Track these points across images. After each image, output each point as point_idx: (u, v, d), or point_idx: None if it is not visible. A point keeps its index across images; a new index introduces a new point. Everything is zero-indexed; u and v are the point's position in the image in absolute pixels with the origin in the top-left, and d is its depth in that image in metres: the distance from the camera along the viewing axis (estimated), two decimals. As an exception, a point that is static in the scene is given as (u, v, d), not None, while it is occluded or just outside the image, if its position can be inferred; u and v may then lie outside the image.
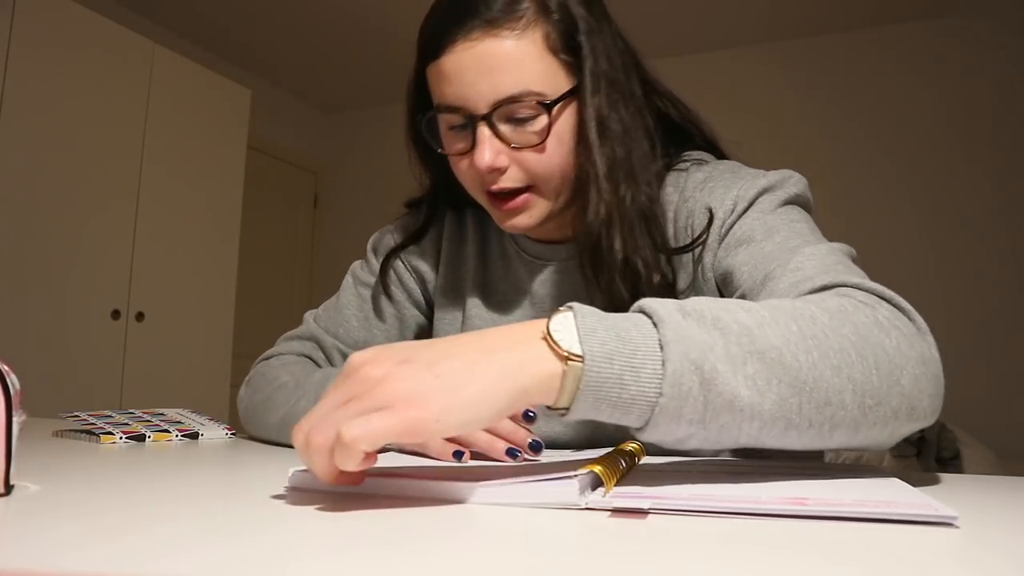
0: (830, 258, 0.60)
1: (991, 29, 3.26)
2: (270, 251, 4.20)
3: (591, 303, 0.47)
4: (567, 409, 0.44)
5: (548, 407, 0.45)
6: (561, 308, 0.46)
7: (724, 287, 0.68)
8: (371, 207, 3.83)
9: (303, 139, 4.54)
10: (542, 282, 0.80)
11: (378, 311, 0.89)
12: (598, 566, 0.32)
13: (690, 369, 0.43)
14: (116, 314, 2.73)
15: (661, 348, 0.43)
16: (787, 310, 0.48)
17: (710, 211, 0.70)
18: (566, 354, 0.43)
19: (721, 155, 0.80)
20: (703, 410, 0.43)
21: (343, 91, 4.28)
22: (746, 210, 0.68)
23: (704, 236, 0.70)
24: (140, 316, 2.81)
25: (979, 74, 3.28)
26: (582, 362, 0.43)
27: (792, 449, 0.48)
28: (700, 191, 0.72)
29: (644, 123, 0.73)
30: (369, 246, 0.92)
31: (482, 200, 0.74)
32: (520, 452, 0.59)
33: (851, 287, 0.54)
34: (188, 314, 3.02)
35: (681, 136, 0.80)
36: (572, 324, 0.44)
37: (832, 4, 3.32)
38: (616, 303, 0.69)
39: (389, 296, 0.87)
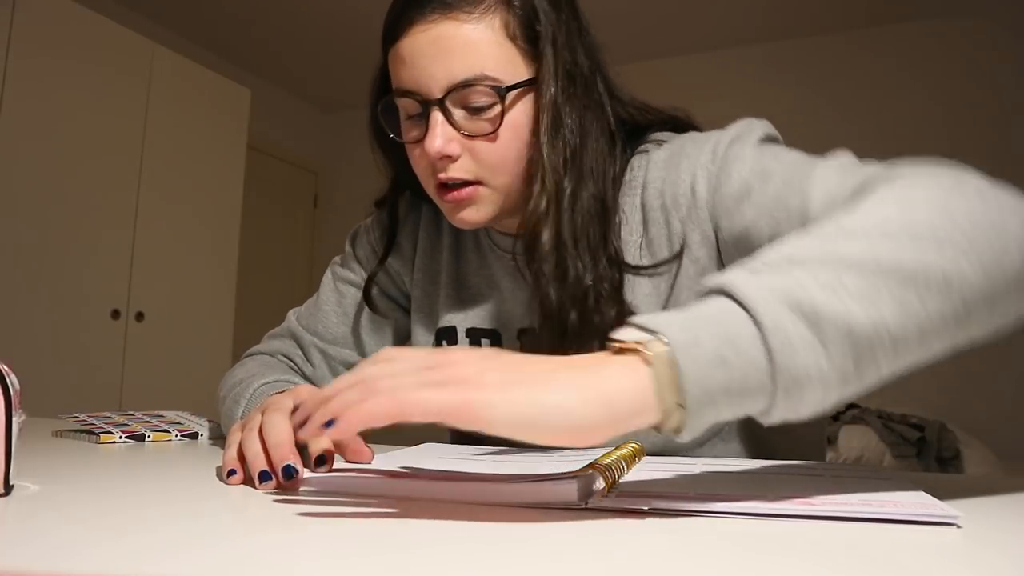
0: (848, 166, 0.57)
1: (991, 29, 3.26)
2: (270, 251, 4.20)
3: (531, 298, 0.44)
4: (681, 415, 0.38)
5: (657, 429, 0.39)
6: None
7: (742, 252, 0.63)
8: (371, 208, 3.80)
9: (303, 139, 4.54)
10: (512, 274, 0.79)
11: (356, 306, 0.89)
12: (598, 566, 0.32)
13: (788, 313, 0.37)
14: (116, 314, 2.73)
15: (745, 309, 0.38)
16: (857, 216, 0.43)
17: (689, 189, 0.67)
18: (642, 346, 0.38)
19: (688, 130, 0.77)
20: (825, 351, 0.37)
21: (343, 91, 4.28)
22: (720, 170, 0.66)
23: (677, 259, 0.68)
24: (140, 316, 2.81)
25: (979, 74, 3.28)
26: (665, 349, 0.37)
27: (947, 350, 0.42)
28: (666, 169, 0.70)
29: (604, 122, 0.71)
30: (347, 242, 0.92)
31: (432, 193, 0.72)
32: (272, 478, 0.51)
33: (892, 176, 0.51)
34: (188, 314, 3.02)
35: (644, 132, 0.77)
36: (635, 330, 0.40)
37: (830, 4, 3.32)
38: (542, 299, 0.67)
39: (373, 308, 0.87)
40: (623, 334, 0.40)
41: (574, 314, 0.66)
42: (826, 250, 0.40)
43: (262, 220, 4.02)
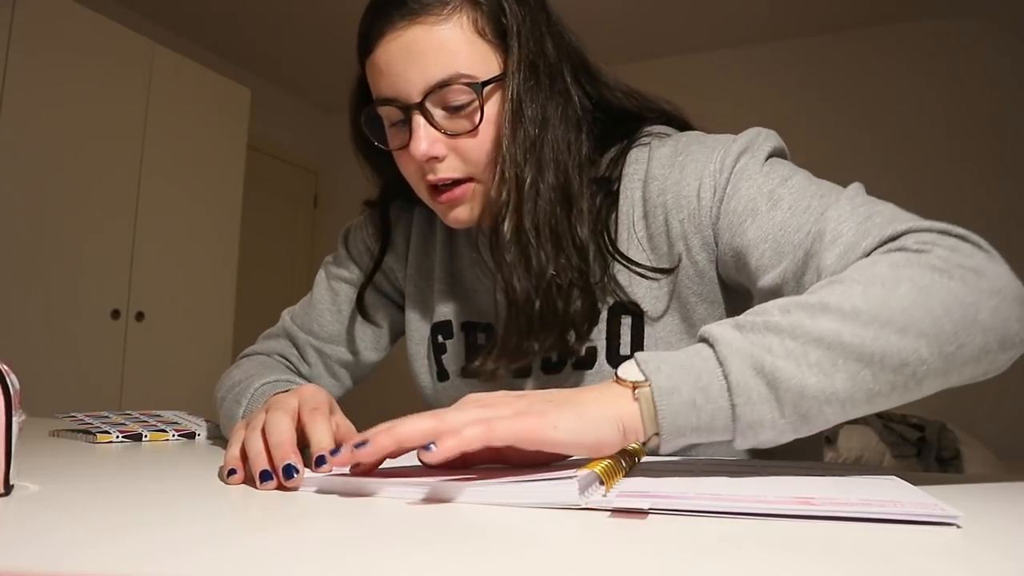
0: (860, 213, 0.59)
1: (991, 29, 3.26)
2: (270, 251, 4.20)
3: (495, 290, 0.55)
4: (658, 440, 0.48)
5: (647, 447, 0.49)
6: (627, 359, 0.51)
7: (740, 266, 0.66)
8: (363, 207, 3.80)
9: (303, 139, 4.54)
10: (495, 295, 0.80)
11: (350, 304, 0.89)
12: (598, 566, 0.32)
13: (752, 375, 0.46)
14: (116, 314, 2.73)
15: (720, 364, 0.47)
16: (838, 293, 0.49)
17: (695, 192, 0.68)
18: (632, 385, 0.48)
19: (685, 128, 0.78)
20: (779, 407, 0.47)
21: (343, 91, 4.22)
22: (729, 180, 0.66)
23: (676, 266, 0.70)
24: (140, 316, 2.81)
25: (979, 74, 3.28)
26: (649, 389, 0.47)
27: (886, 409, 0.50)
28: (670, 168, 0.70)
29: (569, 111, 0.71)
30: (340, 241, 0.92)
31: (425, 197, 0.73)
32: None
33: (900, 236, 0.54)
34: (188, 314, 3.02)
35: (639, 122, 0.78)
36: (635, 368, 0.49)
37: (831, 4, 3.32)
38: (506, 290, 0.68)
39: (365, 315, 0.87)
40: (625, 371, 0.50)
41: (538, 303, 0.67)
42: (802, 323, 0.48)
43: (262, 220, 4.03)
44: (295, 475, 0.50)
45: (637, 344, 0.72)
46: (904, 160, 3.36)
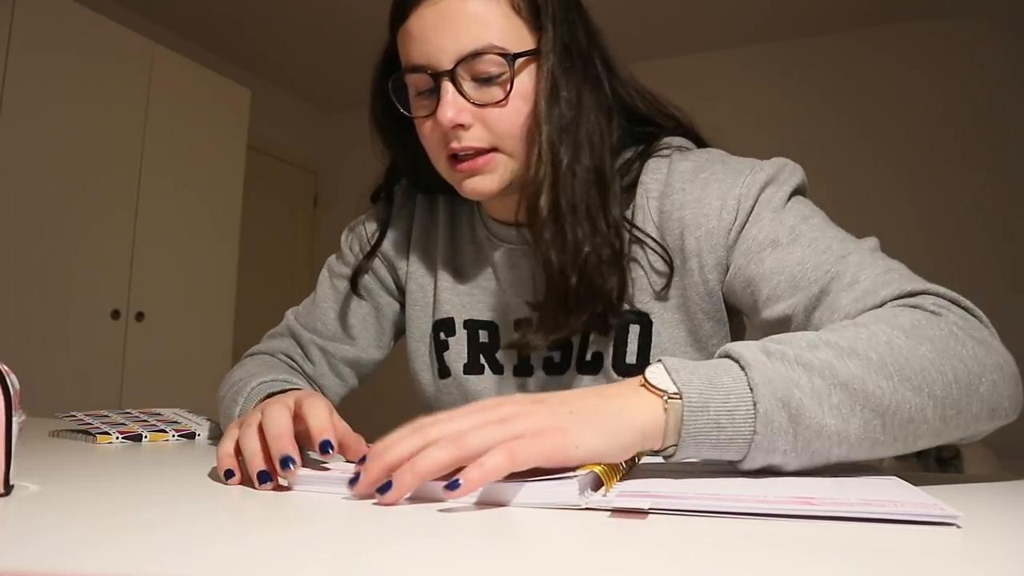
0: (879, 264, 0.61)
1: (991, 29, 3.26)
2: (270, 251, 4.20)
3: (535, 273, 0.53)
4: (673, 450, 0.49)
5: (655, 451, 0.49)
6: (653, 363, 0.51)
7: (747, 293, 0.68)
8: (369, 208, 3.80)
9: (303, 139, 4.54)
10: (510, 265, 0.80)
11: (354, 301, 0.89)
12: (598, 566, 0.32)
13: (778, 407, 0.47)
14: (116, 314, 2.73)
15: (751, 390, 0.48)
16: (865, 339, 0.51)
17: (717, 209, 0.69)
18: (666, 398, 0.48)
19: (700, 142, 0.80)
20: (794, 441, 0.48)
21: (343, 91, 4.28)
22: (753, 208, 0.68)
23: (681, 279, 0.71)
24: (140, 316, 2.81)
25: (979, 74, 3.28)
26: (680, 403, 0.47)
27: (878, 458, 0.52)
28: (691, 183, 0.71)
29: (601, 97, 0.72)
30: (342, 239, 0.93)
31: (443, 167, 0.73)
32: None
33: (917, 295, 0.57)
34: (188, 314, 3.02)
35: (650, 125, 0.79)
36: (666, 376, 0.49)
37: (831, 4, 3.32)
38: (546, 267, 0.69)
39: (359, 294, 0.88)
40: (655, 376, 0.49)
41: (574, 278, 0.69)
42: (831, 364, 0.49)
43: (262, 220, 4.02)
44: (291, 466, 0.50)
45: (643, 353, 0.73)
46: (904, 160, 3.36)
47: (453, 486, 0.42)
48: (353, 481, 0.46)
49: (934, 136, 3.33)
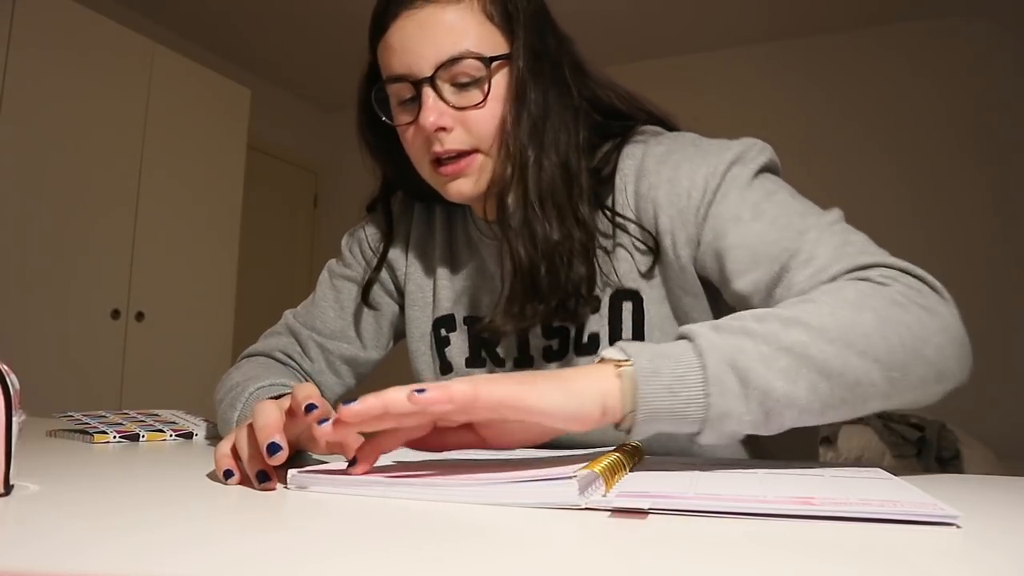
0: (835, 239, 0.63)
1: (991, 29, 3.26)
2: (270, 251, 4.20)
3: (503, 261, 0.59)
4: (632, 418, 0.51)
5: (616, 426, 0.51)
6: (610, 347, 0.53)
7: (716, 268, 0.69)
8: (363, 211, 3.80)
9: (303, 139, 4.54)
10: (502, 260, 0.81)
11: (353, 301, 0.91)
12: (598, 566, 0.32)
13: (727, 370, 0.50)
14: (116, 314, 2.73)
15: (699, 356, 0.51)
16: (810, 311, 0.54)
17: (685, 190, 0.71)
18: (617, 365, 0.50)
19: (675, 130, 0.81)
20: (746, 401, 0.50)
21: (343, 91, 4.25)
22: (719, 186, 0.69)
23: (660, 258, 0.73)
24: (140, 316, 2.81)
25: (979, 74, 3.28)
26: (632, 369, 0.50)
27: (832, 422, 0.55)
28: (663, 164, 0.73)
29: (567, 99, 0.75)
30: (343, 243, 0.94)
31: (427, 172, 0.76)
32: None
33: (867, 267, 0.59)
34: (188, 314, 3.02)
35: (631, 121, 0.80)
36: (619, 352, 0.52)
37: (832, 4, 3.32)
38: (513, 257, 0.72)
39: (370, 305, 0.89)
40: (608, 353, 0.52)
41: (543, 269, 0.71)
42: (775, 332, 0.52)
43: (262, 220, 4.02)
44: (279, 452, 0.50)
45: (638, 329, 0.75)
46: (904, 160, 3.36)
47: (420, 391, 0.45)
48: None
49: (935, 135, 3.33)
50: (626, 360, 0.51)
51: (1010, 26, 3.21)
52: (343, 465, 0.52)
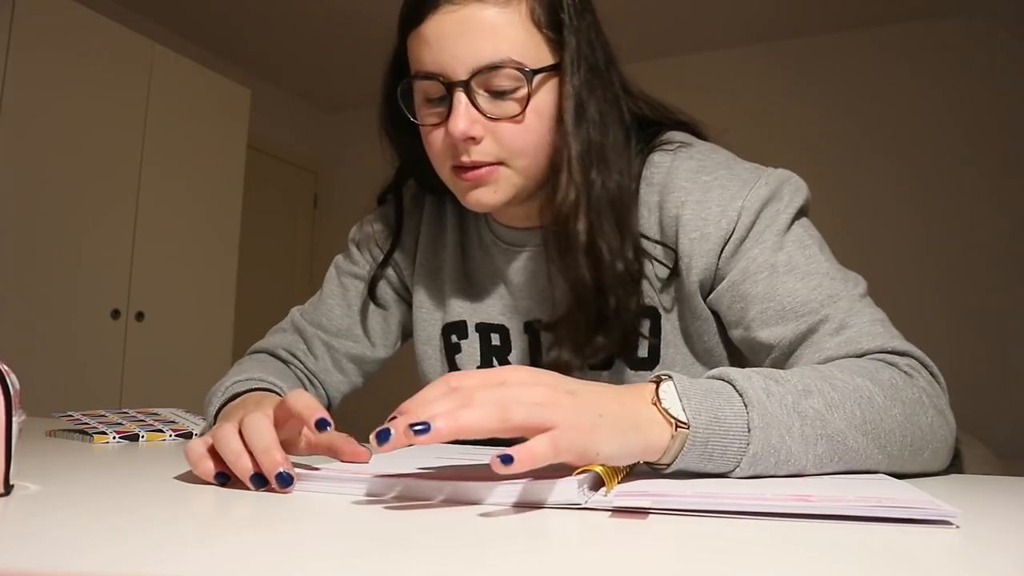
0: (865, 314, 0.64)
1: (991, 29, 3.26)
2: (270, 251, 4.20)
3: (553, 287, 0.57)
4: (664, 468, 0.50)
5: (650, 464, 0.51)
6: (661, 376, 0.52)
7: (736, 308, 0.68)
8: (371, 207, 3.79)
9: (303, 139, 4.54)
10: (517, 269, 0.80)
11: (360, 298, 0.89)
12: (598, 566, 0.32)
13: (769, 452, 0.50)
14: (116, 314, 2.73)
15: (748, 431, 0.50)
16: (851, 391, 0.54)
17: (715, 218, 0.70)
18: (675, 426, 0.49)
19: (703, 137, 0.79)
20: (773, 472, 0.52)
21: (343, 91, 4.28)
22: (753, 224, 0.68)
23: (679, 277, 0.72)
24: (140, 316, 2.81)
25: (979, 74, 3.27)
26: (687, 433, 0.48)
27: None
28: (694, 183, 0.71)
29: (620, 114, 0.72)
30: (350, 239, 0.92)
31: (447, 175, 0.72)
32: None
33: (895, 354, 0.61)
34: (188, 314, 3.02)
35: (656, 126, 0.79)
36: (677, 402, 0.50)
37: (832, 4, 3.32)
38: (577, 287, 0.69)
39: (377, 302, 0.88)
40: (667, 399, 0.50)
41: (612, 300, 0.69)
42: (822, 414, 0.52)
43: (262, 220, 4.02)
44: (290, 484, 0.48)
45: (654, 350, 0.75)
46: (905, 160, 3.36)
47: (506, 459, 0.42)
48: (382, 436, 0.43)
49: (935, 135, 3.33)
50: (685, 424, 0.49)
51: (1010, 26, 3.21)
52: (339, 466, 0.52)
